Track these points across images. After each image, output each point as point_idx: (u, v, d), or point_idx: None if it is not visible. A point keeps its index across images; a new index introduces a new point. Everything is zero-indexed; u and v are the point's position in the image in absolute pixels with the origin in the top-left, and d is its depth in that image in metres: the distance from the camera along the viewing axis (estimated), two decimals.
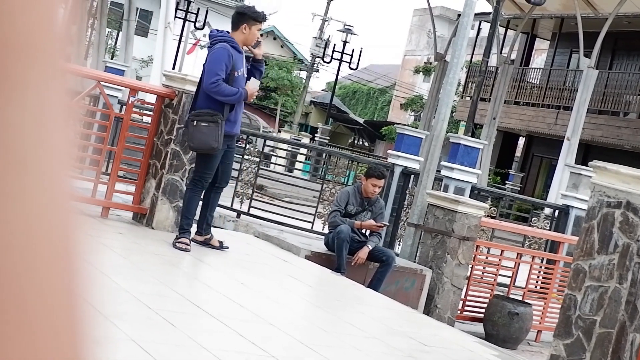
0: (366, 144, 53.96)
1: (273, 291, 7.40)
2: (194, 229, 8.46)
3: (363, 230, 9.98)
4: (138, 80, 18.44)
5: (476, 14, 14.55)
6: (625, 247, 6.22)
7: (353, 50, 42.70)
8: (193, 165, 8.88)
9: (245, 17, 8.19)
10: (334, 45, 44.15)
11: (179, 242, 8.11)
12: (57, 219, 0.49)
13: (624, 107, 28.60)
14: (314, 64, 49.94)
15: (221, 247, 8.50)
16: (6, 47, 0.47)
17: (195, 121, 7.94)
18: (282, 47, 58.43)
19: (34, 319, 0.47)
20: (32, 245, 0.47)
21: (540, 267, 12.09)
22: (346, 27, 44.38)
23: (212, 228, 8.74)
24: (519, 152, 37.35)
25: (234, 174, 11.51)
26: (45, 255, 0.48)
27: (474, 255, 10.55)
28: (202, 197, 8.45)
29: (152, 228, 8.78)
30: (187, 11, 35.80)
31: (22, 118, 0.47)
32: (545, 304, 11.48)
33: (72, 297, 0.50)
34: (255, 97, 8.28)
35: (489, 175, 28.17)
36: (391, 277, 9.92)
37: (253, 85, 8.06)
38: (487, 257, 11.39)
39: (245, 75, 8.14)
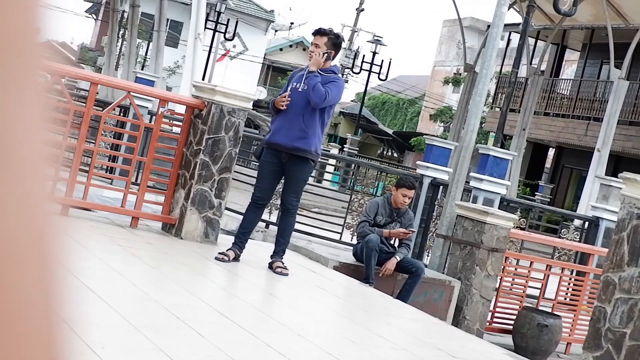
0: (395, 154, 53.88)
1: (301, 302, 7.40)
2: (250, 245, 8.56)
3: (392, 241, 9.95)
4: (168, 91, 18.52)
5: (506, 25, 14.50)
6: None
7: (382, 61, 42.67)
8: (222, 175, 8.92)
9: None
10: (363, 56, 44.17)
11: (220, 252, 8.16)
12: (32, 218, 0.48)
13: None
14: (343, 74, 49.99)
15: (275, 269, 8.28)
16: None
17: None
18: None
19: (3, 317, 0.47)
20: (5, 244, 0.47)
21: (570, 278, 12.02)
22: (375, 38, 44.39)
23: (279, 251, 8.47)
24: (548, 164, 37.18)
25: None
26: (20, 254, 0.48)
27: (502, 267, 10.51)
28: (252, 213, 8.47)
29: (181, 238, 8.80)
30: (217, 22, 35.94)
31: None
32: (574, 316, 11.40)
33: (47, 295, 0.49)
34: (282, 105, 8.17)
35: (519, 186, 28.06)
36: (420, 289, 9.89)
37: (285, 96, 8.20)
38: (516, 269, 11.33)
39: (300, 89, 8.15)
